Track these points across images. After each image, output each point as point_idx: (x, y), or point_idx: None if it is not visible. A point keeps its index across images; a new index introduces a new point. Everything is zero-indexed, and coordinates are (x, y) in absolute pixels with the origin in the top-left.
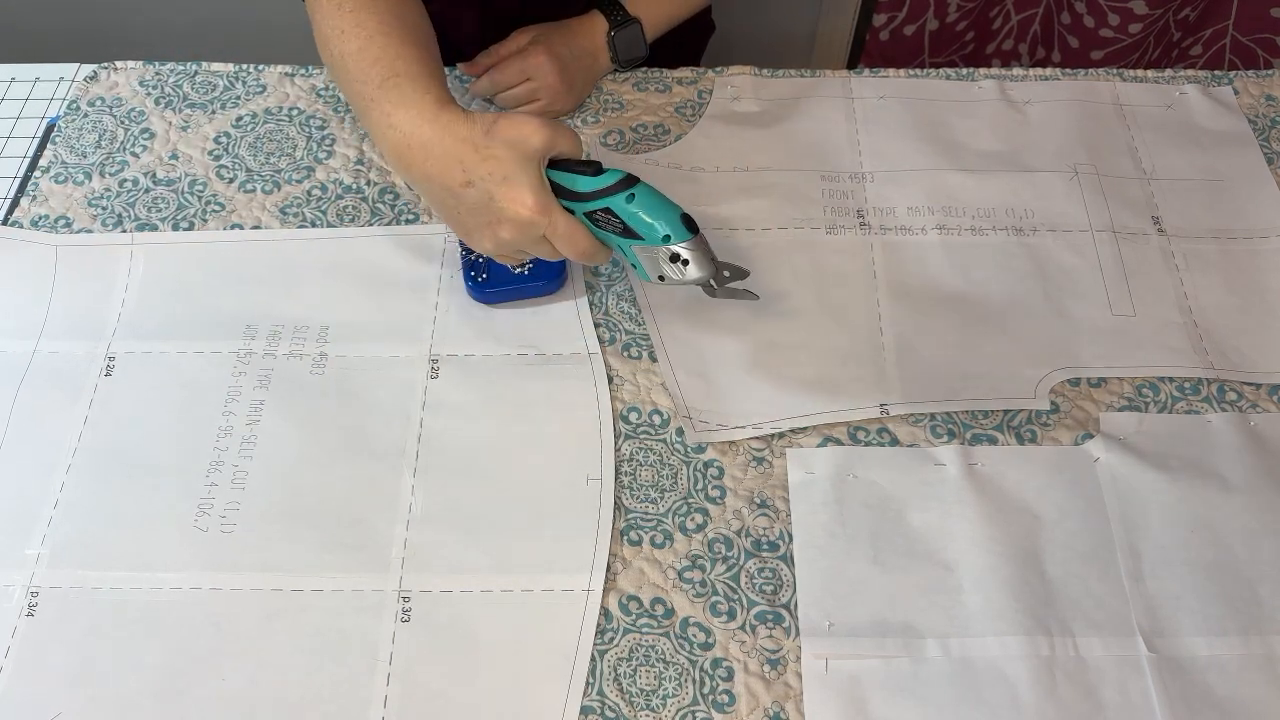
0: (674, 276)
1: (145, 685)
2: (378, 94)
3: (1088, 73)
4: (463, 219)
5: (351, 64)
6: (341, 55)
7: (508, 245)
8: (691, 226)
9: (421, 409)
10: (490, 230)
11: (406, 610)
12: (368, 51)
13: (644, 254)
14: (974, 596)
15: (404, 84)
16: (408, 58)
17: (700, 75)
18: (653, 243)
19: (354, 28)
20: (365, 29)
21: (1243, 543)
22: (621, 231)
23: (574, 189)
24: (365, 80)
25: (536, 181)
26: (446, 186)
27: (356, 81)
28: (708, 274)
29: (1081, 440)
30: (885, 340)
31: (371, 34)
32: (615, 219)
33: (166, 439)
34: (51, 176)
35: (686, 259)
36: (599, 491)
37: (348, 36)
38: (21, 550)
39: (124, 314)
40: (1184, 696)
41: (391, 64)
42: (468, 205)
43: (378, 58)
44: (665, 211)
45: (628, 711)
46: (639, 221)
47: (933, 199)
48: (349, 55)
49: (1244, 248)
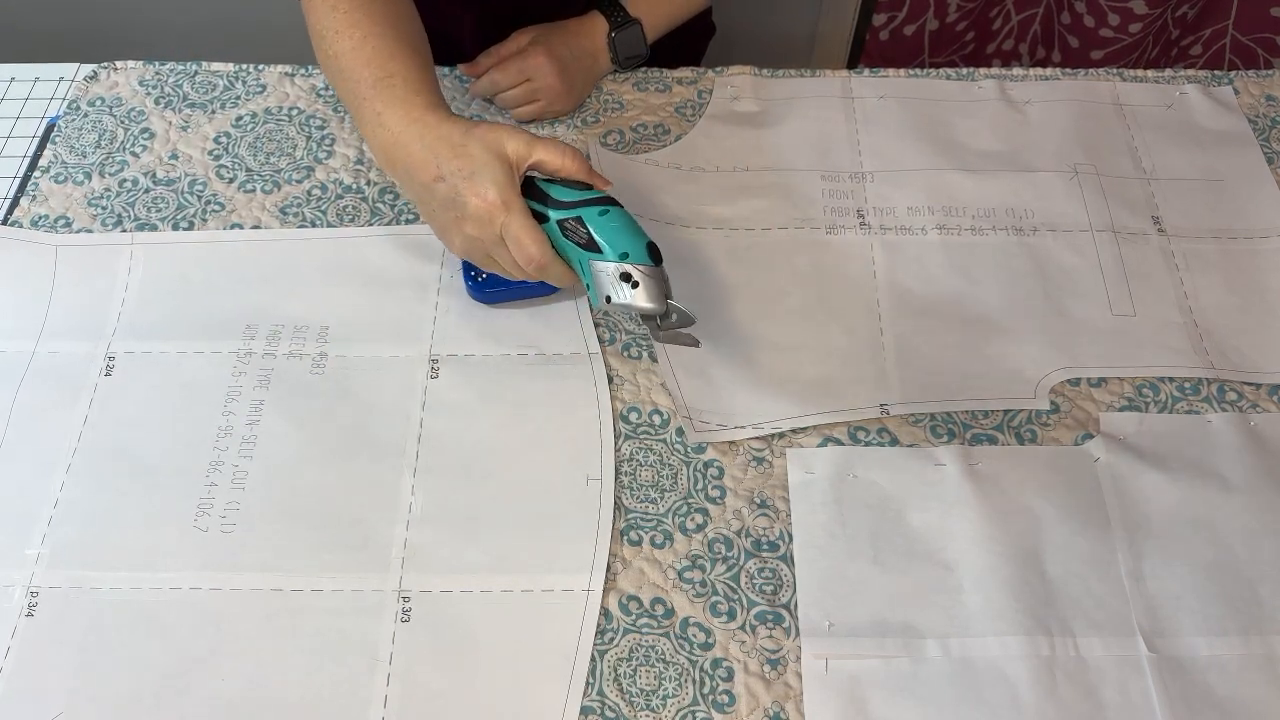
0: (619, 298)
1: (145, 685)
2: (370, 93)
3: (1088, 73)
4: (435, 214)
5: (345, 63)
6: (336, 54)
7: (474, 244)
8: (655, 256)
9: (421, 409)
10: (457, 226)
11: (406, 610)
12: (361, 52)
13: (599, 271)
14: (974, 596)
15: (397, 84)
16: (401, 59)
17: (700, 75)
18: (609, 258)
19: (348, 28)
20: (360, 29)
21: (1243, 543)
22: (585, 243)
23: (554, 195)
24: (358, 79)
25: (502, 178)
26: (421, 181)
27: (350, 80)
28: (654, 306)
29: (1081, 440)
30: (885, 340)
31: (366, 35)
32: (583, 229)
33: (166, 439)
34: (51, 176)
35: (637, 282)
36: (599, 491)
37: (342, 36)
38: (21, 550)
39: (124, 314)
40: (1184, 696)
41: (385, 65)
42: (439, 200)
43: (370, 58)
44: (632, 234)
45: (628, 711)
46: (605, 233)
47: (933, 199)
48: (343, 54)
49: (1244, 248)
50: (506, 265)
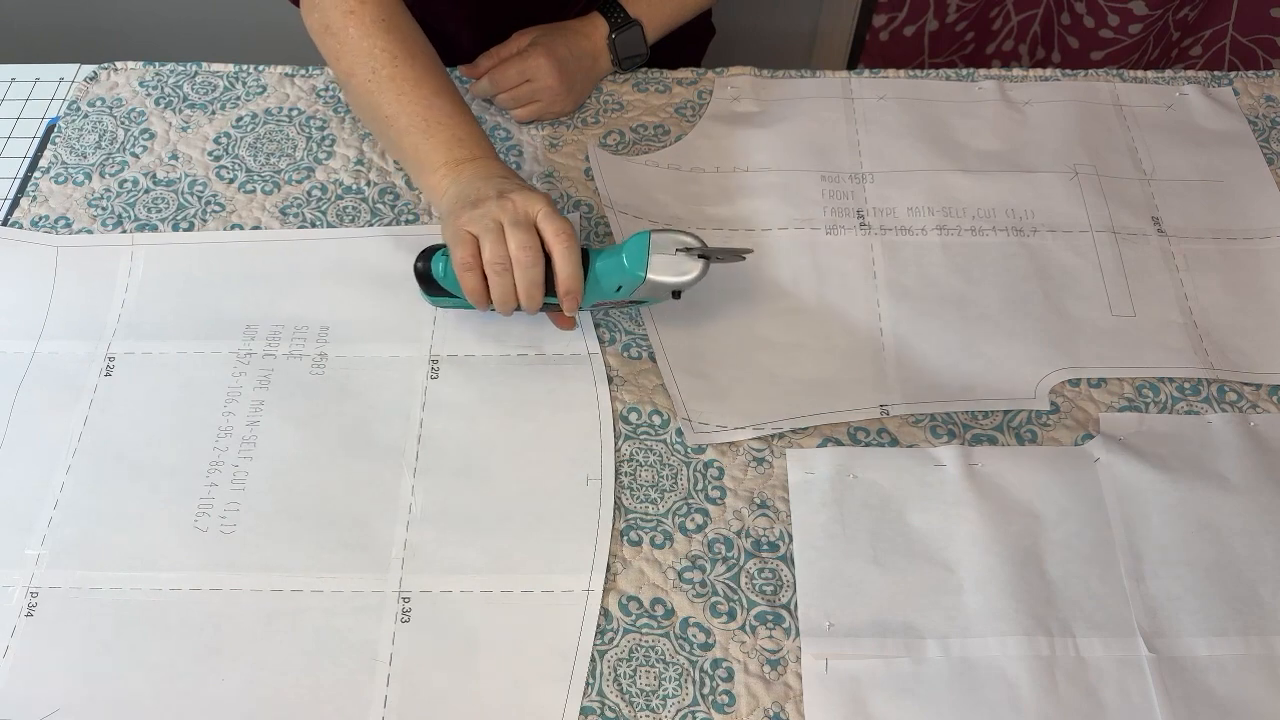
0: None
1: (145, 685)
2: (444, 170)
3: (1087, 73)
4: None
5: (406, 142)
6: (386, 119)
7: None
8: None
9: (421, 409)
10: (493, 205)
11: (406, 610)
12: (416, 127)
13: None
14: (974, 597)
15: (466, 168)
16: (463, 134)
17: (700, 75)
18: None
19: (395, 97)
20: (405, 98)
21: (1243, 543)
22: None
23: None
24: (425, 159)
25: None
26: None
27: (410, 155)
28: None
29: (1081, 440)
30: (885, 340)
31: (414, 110)
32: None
33: (166, 439)
34: (52, 177)
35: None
36: (599, 492)
37: (386, 98)
38: (21, 550)
39: (124, 314)
40: (1184, 697)
41: (450, 150)
42: (481, 209)
43: (441, 137)
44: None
45: (628, 712)
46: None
47: (933, 199)
48: (400, 131)
49: (1244, 248)
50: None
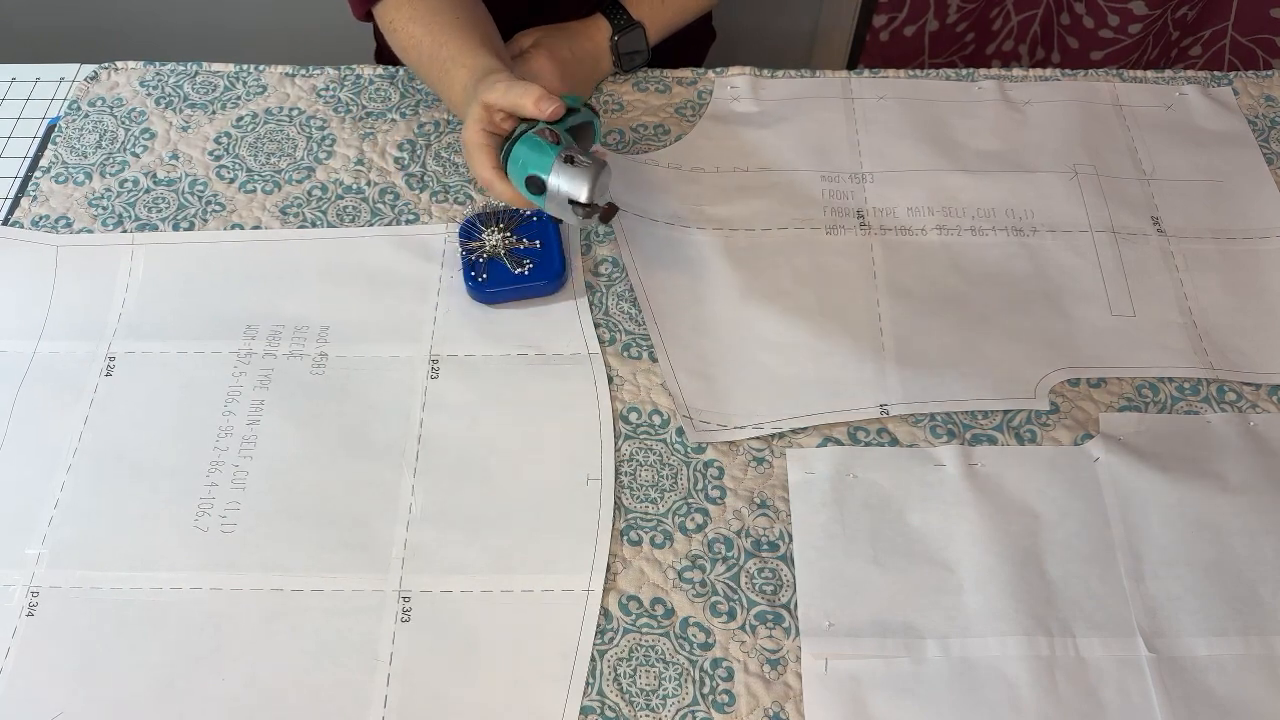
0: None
1: (145, 685)
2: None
3: (1087, 73)
4: None
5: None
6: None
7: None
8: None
9: (421, 409)
10: None
11: (406, 610)
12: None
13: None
14: (974, 597)
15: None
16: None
17: (700, 75)
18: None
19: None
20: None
21: (1243, 543)
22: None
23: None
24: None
25: (475, 113)
26: None
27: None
28: (579, 187)
29: (1081, 440)
30: (885, 340)
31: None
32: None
33: (166, 439)
34: (52, 176)
35: (576, 163)
36: (599, 491)
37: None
38: (21, 550)
39: (124, 314)
40: (1184, 697)
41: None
42: None
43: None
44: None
45: (628, 711)
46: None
47: (933, 199)
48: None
49: (1244, 248)
50: None
